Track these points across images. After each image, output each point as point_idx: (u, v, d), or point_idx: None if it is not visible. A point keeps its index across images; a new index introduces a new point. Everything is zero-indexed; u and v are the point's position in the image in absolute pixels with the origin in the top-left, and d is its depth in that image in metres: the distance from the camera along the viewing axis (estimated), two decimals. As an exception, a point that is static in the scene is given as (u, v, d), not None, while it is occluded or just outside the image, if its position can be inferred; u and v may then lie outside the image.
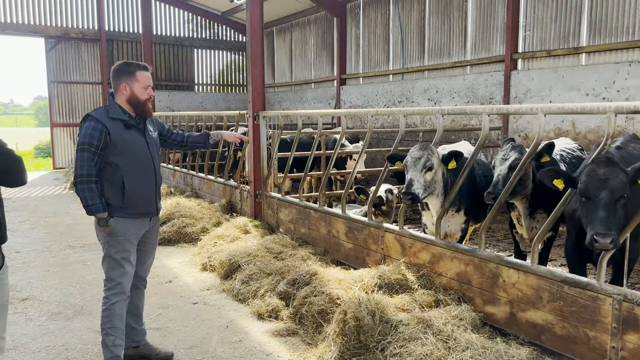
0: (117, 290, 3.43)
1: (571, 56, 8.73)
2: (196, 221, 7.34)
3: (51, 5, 15.68)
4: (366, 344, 3.56)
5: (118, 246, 3.42)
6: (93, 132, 3.30)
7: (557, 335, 3.56)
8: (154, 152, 3.61)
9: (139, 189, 3.47)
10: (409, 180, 4.31)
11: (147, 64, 3.55)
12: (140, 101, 3.45)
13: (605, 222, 3.07)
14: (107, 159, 3.36)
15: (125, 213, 3.42)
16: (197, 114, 10.24)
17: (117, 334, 3.41)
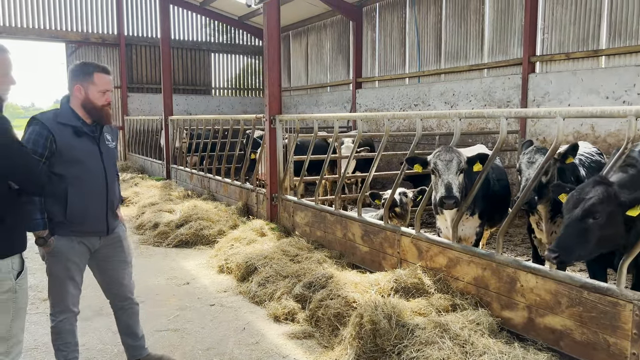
0: (61, 309, 3.22)
1: (590, 59, 8.63)
2: (213, 223, 7.41)
3: (72, 10, 15.97)
4: (382, 348, 3.56)
5: (59, 265, 3.16)
6: (37, 138, 2.99)
7: (576, 341, 3.52)
8: (108, 163, 3.28)
9: (84, 204, 3.14)
10: (447, 183, 4.20)
11: (107, 67, 3.24)
12: (96, 106, 3.15)
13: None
14: (51, 169, 3.03)
15: (67, 231, 3.12)
16: (214, 118, 10.33)
17: (68, 349, 3.27)
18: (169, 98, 12.57)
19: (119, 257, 3.45)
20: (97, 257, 3.37)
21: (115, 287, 3.47)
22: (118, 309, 3.55)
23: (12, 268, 2.59)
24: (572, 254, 3.01)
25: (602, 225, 2.97)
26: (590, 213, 2.95)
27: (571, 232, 3.00)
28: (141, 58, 17.07)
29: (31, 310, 4.83)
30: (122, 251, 3.46)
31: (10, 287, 2.58)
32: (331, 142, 6.50)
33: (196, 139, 10.90)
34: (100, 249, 3.35)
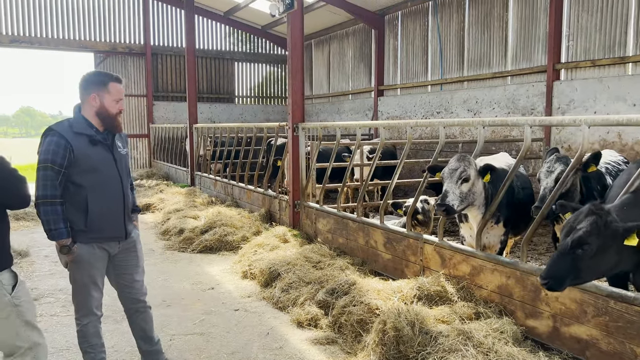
0: (84, 313, 3.32)
1: (617, 66, 8.51)
2: (236, 230, 7.51)
3: (100, 21, 16.41)
4: (406, 355, 3.58)
5: (82, 272, 3.25)
6: (56, 148, 3.05)
7: (603, 351, 3.49)
8: (123, 170, 3.37)
9: (104, 211, 3.23)
10: (444, 191, 4.32)
11: (120, 76, 3.35)
12: (110, 114, 3.22)
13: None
14: (70, 178, 3.12)
15: (88, 238, 3.21)
16: (237, 126, 10.48)
17: (95, 350, 3.37)
18: (194, 107, 12.80)
19: (133, 262, 3.52)
20: (113, 262, 3.45)
21: (129, 290, 3.54)
22: (133, 312, 3.60)
23: (3, 284, 2.60)
24: (562, 283, 2.96)
25: (593, 256, 2.90)
26: (579, 244, 2.89)
27: (560, 262, 2.95)
28: (166, 67, 17.42)
29: (62, 313, 4.99)
30: (136, 256, 3.54)
31: (7, 301, 2.60)
32: (353, 150, 6.55)
33: (220, 146, 11.07)
34: (118, 254, 3.43)
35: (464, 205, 4.39)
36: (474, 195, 4.43)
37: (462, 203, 4.35)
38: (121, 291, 3.56)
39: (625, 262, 3.06)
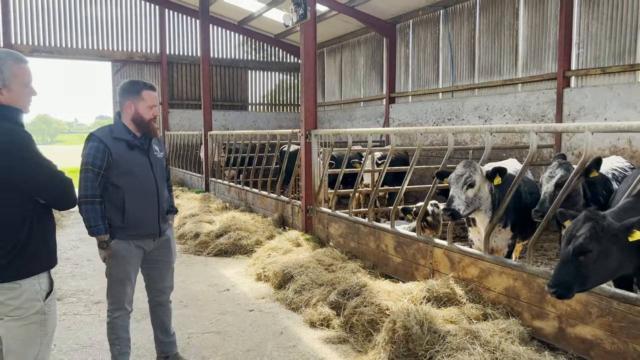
0: (117, 306, 3.53)
1: (627, 73, 8.58)
2: (251, 234, 7.69)
3: (118, 31, 16.83)
4: (415, 352, 3.71)
5: (118, 267, 3.47)
6: (96, 152, 3.31)
7: (607, 351, 3.59)
8: (158, 172, 3.59)
9: (139, 210, 3.45)
10: (450, 196, 4.46)
11: (153, 84, 3.56)
12: (144, 120, 3.46)
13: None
14: (109, 180, 3.37)
15: (125, 235, 3.43)
16: (251, 133, 10.69)
17: (122, 344, 3.56)
18: (209, 114, 13.06)
19: (166, 258, 3.77)
20: (147, 258, 3.69)
21: (158, 284, 3.79)
22: (156, 305, 3.86)
23: (40, 288, 2.53)
24: (570, 290, 3.02)
25: (595, 261, 2.97)
26: (580, 252, 2.96)
27: (565, 269, 3.01)
28: (182, 75, 17.76)
29: (84, 312, 5.19)
30: (169, 252, 3.78)
31: (38, 309, 2.51)
32: (364, 156, 6.71)
33: (234, 153, 11.29)
34: (153, 250, 3.67)
35: (470, 210, 4.52)
36: (479, 200, 4.56)
37: (468, 208, 4.49)
38: (150, 283, 3.81)
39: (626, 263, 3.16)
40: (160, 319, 3.86)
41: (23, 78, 2.50)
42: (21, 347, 2.50)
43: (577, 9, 9.32)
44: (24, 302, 2.48)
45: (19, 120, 2.50)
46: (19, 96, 2.49)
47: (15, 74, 2.47)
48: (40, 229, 2.54)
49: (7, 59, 2.45)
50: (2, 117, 2.42)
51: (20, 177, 2.40)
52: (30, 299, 2.49)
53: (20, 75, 2.49)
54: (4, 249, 2.43)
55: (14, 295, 2.46)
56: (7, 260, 2.43)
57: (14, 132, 2.41)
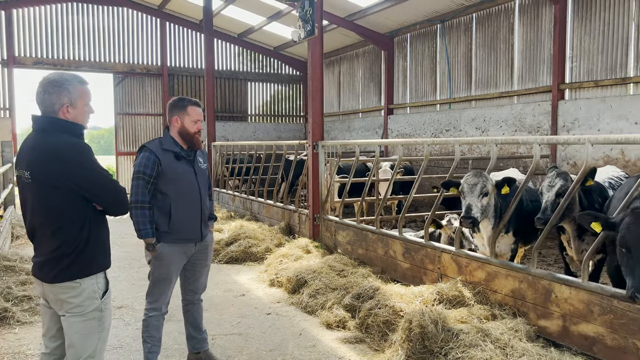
0: (154, 306, 3.80)
1: (619, 86, 8.97)
2: (260, 242, 7.94)
3: (121, 44, 17.09)
4: (430, 349, 3.97)
5: (162, 268, 3.72)
6: (147, 162, 3.61)
7: (608, 347, 3.87)
8: (202, 182, 3.86)
9: (184, 216, 3.71)
10: (468, 205, 4.71)
11: (198, 100, 3.86)
12: (190, 133, 3.75)
13: None
14: (158, 188, 3.65)
15: (170, 239, 3.69)
16: (257, 144, 10.96)
17: (152, 342, 3.82)
18: (212, 126, 13.34)
19: (204, 261, 4.05)
20: (189, 261, 3.95)
21: (194, 284, 4.06)
22: (189, 303, 4.11)
23: (98, 287, 2.75)
24: None
25: None
26: None
27: None
28: (183, 87, 18.02)
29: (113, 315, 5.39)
30: (207, 256, 4.07)
31: (96, 306, 2.74)
32: (372, 167, 6.99)
33: (239, 163, 11.55)
34: (194, 254, 3.93)
35: (483, 217, 4.80)
36: (490, 208, 4.85)
37: (482, 215, 4.77)
38: (185, 283, 4.06)
39: None
40: (193, 316, 4.12)
41: (85, 98, 2.79)
42: (81, 341, 2.74)
43: (570, 24, 9.74)
44: (84, 300, 2.73)
45: (81, 134, 2.79)
46: (81, 114, 2.78)
47: (80, 95, 2.75)
48: (97, 232, 2.80)
49: (74, 81, 2.74)
50: (68, 132, 2.70)
51: (83, 185, 2.66)
52: (89, 297, 2.74)
53: (83, 95, 2.78)
54: (68, 249, 2.68)
55: (75, 293, 2.71)
56: (70, 260, 2.68)
57: (78, 145, 2.69)
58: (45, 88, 2.68)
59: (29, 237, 2.81)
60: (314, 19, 7.55)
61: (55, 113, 2.69)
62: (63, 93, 2.69)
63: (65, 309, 2.72)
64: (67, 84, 2.71)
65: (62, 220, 2.66)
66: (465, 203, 4.76)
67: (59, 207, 2.64)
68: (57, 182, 2.61)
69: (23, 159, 2.70)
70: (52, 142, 2.63)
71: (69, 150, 2.64)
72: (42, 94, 2.69)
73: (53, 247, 2.67)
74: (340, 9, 13.54)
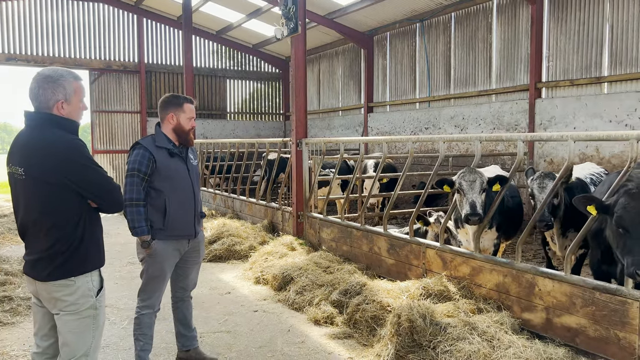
0: (147, 304, 3.78)
1: (594, 85, 9.20)
2: (243, 240, 7.91)
3: (97, 40, 16.77)
4: (419, 343, 4.04)
5: (156, 265, 3.72)
6: (142, 159, 3.60)
7: (590, 337, 3.99)
8: (194, 179, 3.89)
9: (179, 213, 3.72)
10: (472, 202, 4.75)
11: (192, 98, 3.86)
12: (185, 130, 3.78)
13: None
14: (152, 185, 3.65)
15: (165, 235, 3.69)
16: (239, 141, 10.90)
17: (145, 340, 3.80)
18: (192, 123, 13.17)
19: (195, 258, 4.05)
20: (181, 258, 3.93)
21: (184, 281, 4.05)
22: (179, 301, 4.09)
23: (92, 285, 2.72)
24: None
25: None
26: None
27: None
28: (160, 84, 17.79)
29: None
30: (198, 254, 4.07)
31: (91, 304, 2.71)
32: (357, 164, 7.04)
33: (220, 161, 11.47)
34: (187, 251, 3.92)
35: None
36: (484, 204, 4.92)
37: (483, 210, 4.83)
38: (176, 280, 4.03)
39: None
40: (182, 314, 4.10)
41: (80, 94, 2.76)
42: (76, 339, 2.71)
43: (547, 24, 9.95)
44: (79, 298, 2.70)
45: (76, 131, 2.74)
46: (76, 110, 2.74)
47: (75, 91, 2.72)
48: (92, 230, 2.76)
49: (69, 77, 2.70)
50: (63, 128, 2.66)
51: (78, 181, 2.62)
52: (83, 295, 2.71)
53: (78, 91, 2.74)
54: (63, 247, 2.64)
55: (70, 291, 2.67)
56: (65, 258, 2.65)
57: (73, 141, 2.65)
58: (40, 83, 2.64)
59: (20, 235, 2.75)
60: (297, 17, 7.54)
61: (50, 109, 2.66)
62: (58, 89, 2.65)
63: (59, 307, 2.68)
64: (62, 80, 2.67)
65: (56, 217, 2.62)
66: (468, 200, 4.79)
67: (53, 204, 2.60)
68: (52, 179, 2.58)
69: (16, 156, 2.65)
70: (47, 139, 2.59)
71: (65, 147, 2.60)
72: (37, 90, 2.64)
73: (47, 245, 2.63)
74: (320, 7, 13.56)
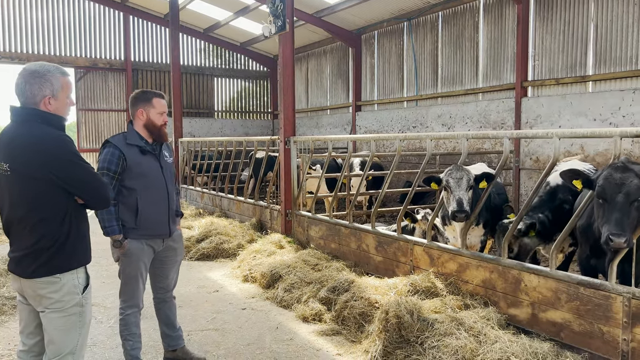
0: (130, 304, 3.75)
1: (578, 84, 9.32)
2: (232, 238, 7.89)
3: (82, 38, 16.59)
4: (407, 339, 4.06)
5: (131, 265, 3.67)
6: (111, 157, 3.53)
7: (575, 332, 4.04)
8: (168, 176, 3.81)
9: (151, 211, 3.66)
10: (459, 199, 4.77)
11: (162, 92, 3.82)
12: (156, 126, 3.70)
13: (620, 223, 3.48)
14: (123, 183, 3.58)
15: (137, 234, 3.63)
16: (227, 140, 10.85)
17: (134, 339, 3.78)
18: (179, 121, 13.14)
19: (173, 257, 3.99)
20: (155, 257, 3.88)
21: (164, 281, 3.99)
22: (160, 301, 4.04)
23: (79, 282, 2.71)
24: (632, 234, 3.48)
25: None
26: (636, 194, 3.47)
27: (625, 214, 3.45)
28: (147, 82, 17.65)
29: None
30: (176, 252, 4.00)
31: (77, 302, 2.69)
32: (345, 162, 7.05)
33: (207, 159, 11.41)
34: (161, 250, 3.87)
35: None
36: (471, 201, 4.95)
37: (470, 207, 4.86)
38: (155, 281, 4.00)
39: None
40: (165, 314, 4.05)
41: (67, 90, 2.74)
42: (62, 337, 2.68)
43: (533, 23, 10.04)
44: (64, 295, 2.67)
45: (63, 127, 2.72)
46: (63, 105, 2.72)
47: (62, 86, 2.70)
48: (78, 226, 2.73)
49: (56, 72, 2.68)
50: (50, 124, 2.63)
51: (65, 178, 2.59)
52: (69, 292, 2.68)
53: (65, 87, 2.72)
54: (48, 243, 2.61)
55: (55, 288, 2.65)
56: (50, 254, 2.62)
57: (60, 137, 2.63)
58: (27, 79, 2.62)
59: (5, 232, 2.72)
60: (285, 15, 7.53)
61: (37, 104, 2.63)
62: (45, 84, 2.63)
63: (44, 305, 2.66)
64: (49, 75, 2.65)
65: (42, 213, 2.59)
66: (455, 197, 4.81)
67: (39, 200, 2.58)
68: (38, 174, 2.55)
69: (1, 151, 2.61)
70: (34, 134, 2.57)
71: (51, 143, 2.58)
72: (23, 85, 2.62)
73: (32, 241, 2.60)
74: (308, 5, 13.55)
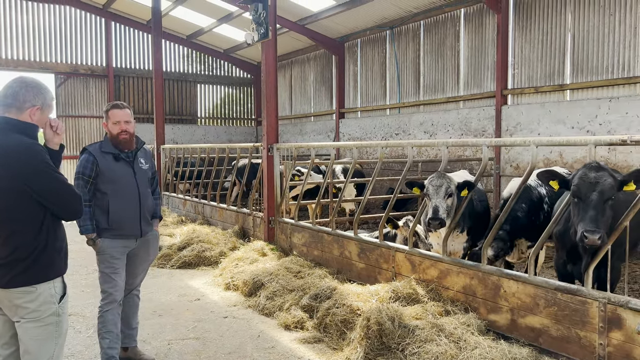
0: (108, 300, 3.94)
1: (557, 92, 9.50)
2: (214, 246, 7.84)
3: (63, 44, 16.42)
4: (388, 346, 4.07)
5: (106, 263, 3.93)
6: (86, 163, 3.88)
7: (553, 337, 4.10)
8: (141, 181, 4.07)
9: (122, 213, 3.93)
10: (435, 207, 4.80)
11: (121, 103, 4.09)
12: (113, 135, 4.00)
13: (594, 220, 3.55)
14: (97, 187, 3.90)
15: (110, 234, 3.91)
16: (209, 146, 10.81)
17: (111, 337, 3.92)
18: (161, 128, 13.04)
19: (143, 257, 4.21)
20: (128, 254, 4.09)
21: (129, 280, 4.15)
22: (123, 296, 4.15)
23: (55, 292, 2.68)
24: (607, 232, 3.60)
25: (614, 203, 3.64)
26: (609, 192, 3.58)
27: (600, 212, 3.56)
28: (129, 89, 17.52)
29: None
30: (147, 252, 4.23)
31: (53, 311, 2.67)
32: (328, 169, 7.07)
33: (190, 166, 11.34)
34: (133, 249, 4.09)
35: (448, 218, 4.91)
36: (453, 209, 4.98)
37: (448, 216, 4.89)
38: None
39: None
40: (125, 311, 4.16)
41: (50, 110, 2.84)
42: (38, 347, 2.64)
43: (512, 33, 10.23)
44: (40, 305, 2.63)
45: (35, 135, 2.73)
46: (42, 121, 2.79)
47: (49, 104, 2.81)
48: (55, 237, 2.71)
49: (49, 91, 2.81)
50: (23, 132, 2.62)
51: (36, 188, 2.56)
52: (46, 301, 2.65)
53: (50, 107, 2.82)
54: (23, 254, 2.58)
55: (31, 298, 2.61)
56: (26, 265, 2.58)
57: (32, 146, 2.61)
58: (23, 85, 2.70)
59: None
60: (268, 22, 7.55)
61: (21, 110, 2.66)
62: (39, 96, 2.72)
63: (20, 315, 2.62)
64: (45, 91, 2.78)
65: (15, 224, 2.56)
66: (432, 204, 4.85)
67: (12, 212, 2.54)
68: (9, 184, 2.52)
69: None
70: (5, 143, 2.55)
71: (24, 152, 2.56)
72: (18, 88, 2.67)
73: (7, 253, 2.56)
74: (291, 13, 13.61)
